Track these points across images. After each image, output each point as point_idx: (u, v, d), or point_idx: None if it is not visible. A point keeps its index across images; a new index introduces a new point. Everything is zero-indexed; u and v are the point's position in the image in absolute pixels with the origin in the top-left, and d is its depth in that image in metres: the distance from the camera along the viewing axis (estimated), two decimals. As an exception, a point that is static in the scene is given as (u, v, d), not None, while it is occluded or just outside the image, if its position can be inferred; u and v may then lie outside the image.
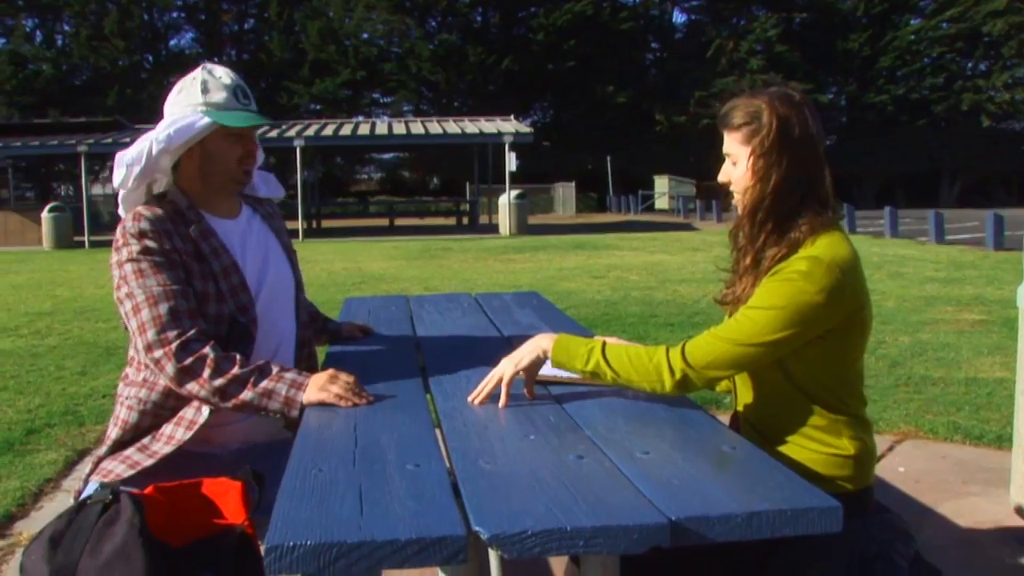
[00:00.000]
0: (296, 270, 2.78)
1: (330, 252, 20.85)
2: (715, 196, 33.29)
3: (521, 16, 51.74)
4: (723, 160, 2.33)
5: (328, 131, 31.05)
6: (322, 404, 2.25)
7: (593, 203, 46.95)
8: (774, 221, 2.20)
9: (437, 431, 2.05)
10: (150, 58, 52.24)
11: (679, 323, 9.20)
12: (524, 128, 30.53)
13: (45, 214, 26.48)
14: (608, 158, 46.34)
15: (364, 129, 32.64)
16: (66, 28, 51.25)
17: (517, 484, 1.66)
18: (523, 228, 27.66)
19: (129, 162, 2.47)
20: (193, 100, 2.51)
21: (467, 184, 38.95)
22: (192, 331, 2.35)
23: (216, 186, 2.58)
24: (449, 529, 1.44)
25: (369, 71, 50.18)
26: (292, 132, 29.53)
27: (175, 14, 53.75)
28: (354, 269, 16.57)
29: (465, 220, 33.38)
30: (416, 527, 1.45)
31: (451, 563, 1.43)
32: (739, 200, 2.29)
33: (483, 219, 32.96)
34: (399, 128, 32.47)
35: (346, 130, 31.73)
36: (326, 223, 32.92)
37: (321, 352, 2.97)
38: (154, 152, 2.46)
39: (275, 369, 2.34)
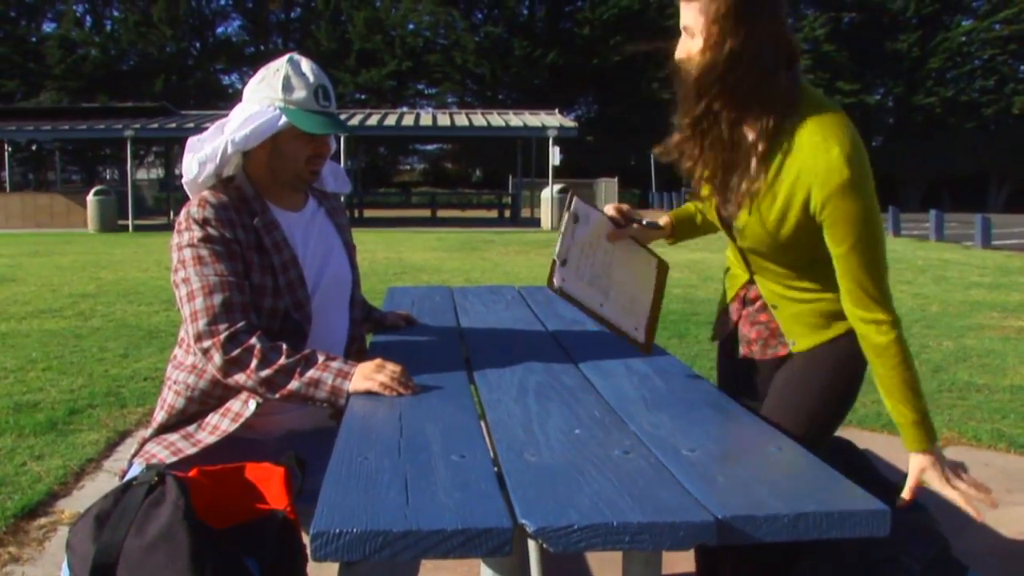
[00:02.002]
0: (355, 267, 2.78)
1: (372, 242, 20.88)
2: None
3: (567, 10, 51.63)
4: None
5: (373, 121, 31.12)
6: (368, 393, 2.25)
7: (635, 199, 46.74)
8: (730, 94, 2.09)
9: (481, 422, 2.05)
10: (197, 45, 52.61)
11: (720, 321, 9.13)
12: (568, 122, 30.48)
13: (91, 197, 26.71)
14: (652, 154, 46.09)
15: (408, 120, 32.69)
16: (115, 14, 51.77)
17: (562, 477, 1.65)
18: (565, 222, 27.49)
19: (203, 160, 2.49)
20: (273, 94, 2.48)
21: (509, 177, 38.92)
22: (242, 323, 2.35)
23: (282, 180, 2.57)
24: (495, 520, 1.44)
25: (414, 62, 50.25)
26: (337, 121, 29.55)
27: (222, 2, 54.26)
28: (395, 259, 16.60)
29: (507, 213, 33.32)
30: (462, 517, 1.45)
31: (496, 555, 1.42)
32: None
33: (525, 213, 32.92)
34: (443, 119, 32.49)
35: (390, 120, 31.80)
36: (368, 213, 32.99)
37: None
38: (229, 151, 2.46)
39: (321, 358, 2.33)
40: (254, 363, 2.31)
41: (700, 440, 1.89)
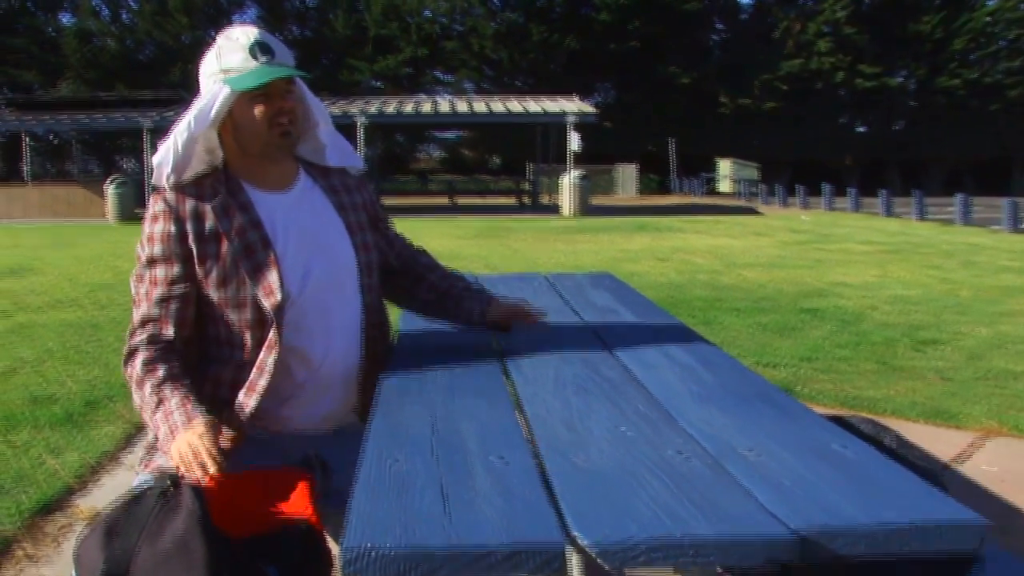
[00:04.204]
0: (365, 250, 2.48)
1: (391, 229, 20.72)
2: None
3: (585, -5, 51.33)
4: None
5: (390, 108, 31.04)
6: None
7: (655, 185, 46.52)
8: None
9: (519, 417, 1.91)
10: (213, 34, 51.22)
11: (746, 308, 8.97)
12: (587, 108, 30.28)
13: (109, 187, 26.71)
14: (671, 140, 45.87)
15: (426, 107, 32.59)
16: (131, 4, 51.67)
17: (615, 483, 1.51)
18: (585, 209, 27.45)
19: (158, 162, 2.32)
20: (211, 70, 2.31)
21: (528, 164, 38.75)
22: (139, 338, 2.25)
23: (256, 154, 2.35)
24: (545, 534, 1.29)
25: (431, 49, 50.05)
26: (354, 109, 29.57)
27: (239, -10, 54.06)
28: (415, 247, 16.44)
29: (526, 200, 33.19)
30: (508, 531, 1.30)
31: (543, 572, 1.28)
32: None
33: (544, 199, 32.76)
34: (462, 106, 32.39)
35: (408, 108, 31.71)
36: (387, 200, 32.82)
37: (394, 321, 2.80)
38: (179, 147, 2.29)
39: (172, 401, 2.15)
40: (133, 387, 2.23)
41: (757, 438, 1.73)
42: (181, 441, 2.02)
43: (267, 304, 2.27)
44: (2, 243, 18.68)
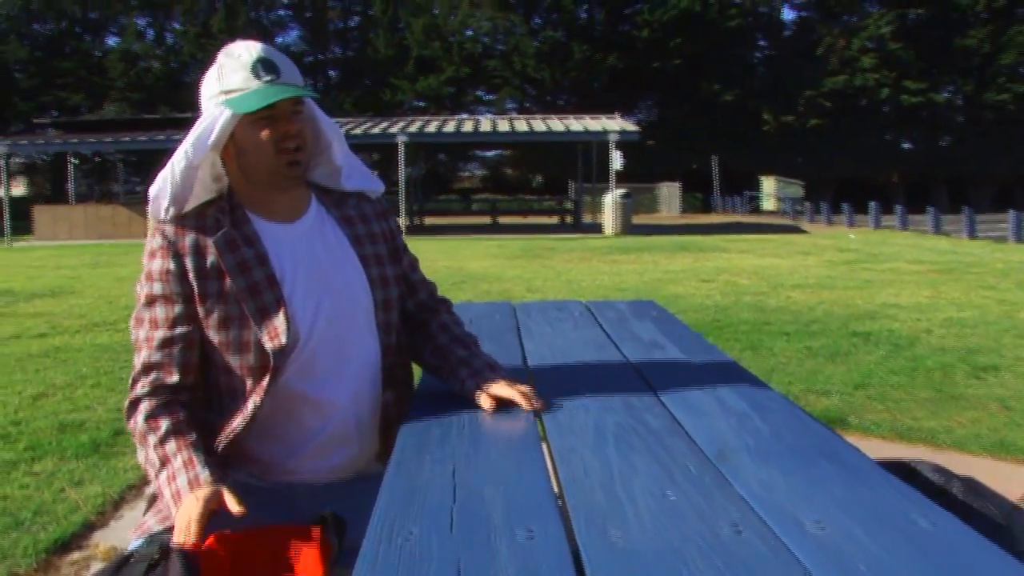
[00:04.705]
0: (383, 285, 2.25)
1: (432, 250, 20.64)
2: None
3: (627, 13, 51.13)
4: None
5: (432, 128, 30.99)
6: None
7: (698, 203, 46.19)
8: None
9: (551, 473, 1.70)
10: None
11: (795, 332, 8.69)
12: (630, 126, 30.07)
13: (152, 208, 26.79)
14: (714, 158, 45.52)
15: (468, 126, 32.50)
16: (176, 26, 52.17)
17: (659, 567, 1.28)
18: (627, 228, 27.22)
19: (155, 194, 2.13)
20: (211, 91, 2.11)
21: (570, 183, 38.56)
22: (142, 389, 2.05)
23: (261, 182, 2.15)
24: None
25: (473, 68, 50.09)
26: (395, 128, 29.53)
27: (281, 12, 54.52)
28: (455, 268, 16.31)
29: (568, 219, 33.00)
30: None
31: None
32: None
33: (587, 218, 32.56)
34: (503, 125, 32.28)
35: (450, 127, 31.63)
36: (429, 220, 32.86)
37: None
38: (178, 177, 2.10)
39: (177, 462, 1.94)
40: (136, 442, 2.05)
41: (825, 508, 1.50)
42: (182, 512, 1.83)
43: (270, 347, 2.07)
44: (45, 264, 18.73)
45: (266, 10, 52.76)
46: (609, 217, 27.59)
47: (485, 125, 32.82)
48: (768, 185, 45.05)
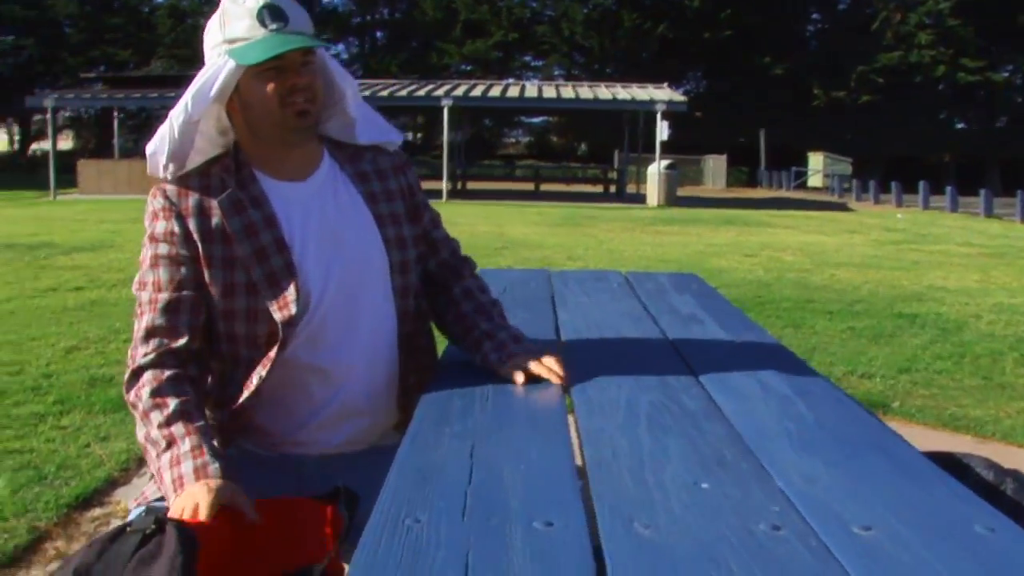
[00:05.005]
0: (400, 246, 2.11)
1: (474, 214, 20.54)
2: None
3: (678, -18, 50.51)
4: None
5: (477, 92, 30.78)
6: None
7: (744, 177, 45.66)
8: None
9: (577, 453, 1.58)
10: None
11: (838, 312, 8.51)
12: (678, 96, 29.74)
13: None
14: (762, 132, 44.96)
15: (514, 91, 32.27)
16: (224, -15, 52.13)
17: (688, 566, 1.17)
18: (671, 199, 26.97)
19: (152, 151, 1.99)
20: (214, 40, 1.95)
21: (615, 152, 38.26)
22: (147, 356, 1.90)
23: (268, 138, 2.00)
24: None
25: (521, 33, 49.68)
26: (440, 92, 29.36)
27: (330, -29, 54.32)
28: (496, 233, 16.19)
29: (612, 188, 32.76)
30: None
31: None
32: None
33: (630, 188, 32.27)
34: (549, 91, 32.03)
35: (495, 91, 31.41)
36: (472, 185, 32.74)
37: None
38: (176, 133, 1.96)
39: (184, 446, 1.79)
40: (137, 417, 1.89)
41: (874, 508, 1.37)
42: (186, 496, 1.69)
43: (279, 317, 1.95)
44: (88, 218, 18.81)
45: (315, -31, 52.60)
46: (653, 188, 27.35)
47: (531, 91, 32.56)
48: (815, 161, 44.42)
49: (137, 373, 1.90)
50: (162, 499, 1.79)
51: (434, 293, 2.27)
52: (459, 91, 30.04)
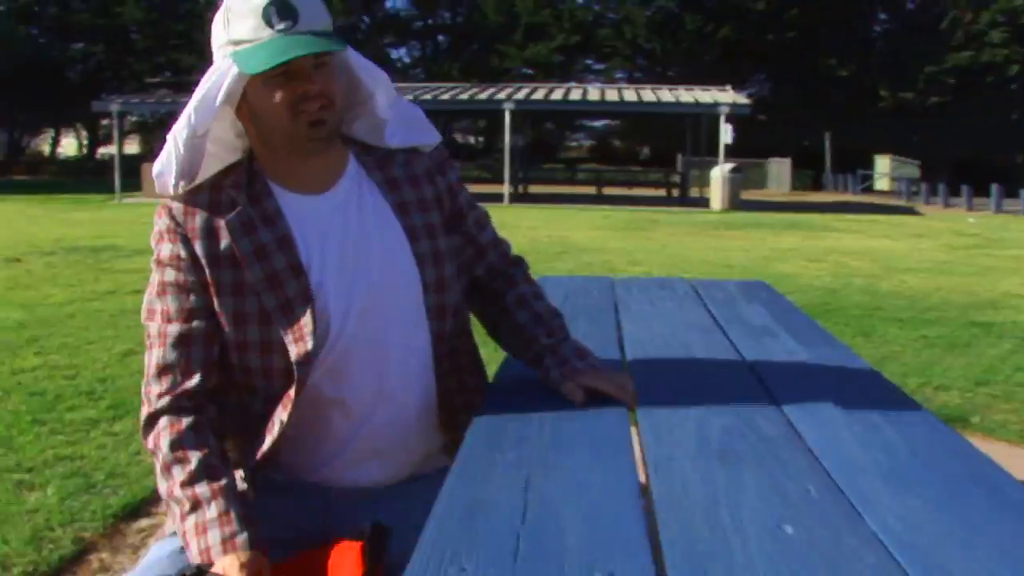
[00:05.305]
0: (435, 261, 1.90)
1: (535, 218, 20.41)
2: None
3: (742, -16, 50.03)
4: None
5: (539, 95, 30.67)
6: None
7: (808, 181, 45.02)
8: None
9: (644, 486, 1.43)
10: (366, 19, 52.95)
11: (909, 319, 8.23)
12: (741, 99, 29.37)
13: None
14: (827, 134, 44.33)
15: (575, 94, 32.12)
16: (289, -11, 52.63)
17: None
18: (735, 203, 26.63)
19: (159, 172, 1.82)
20: (219, 40, 1.76)
21: (678, 155, 37.93)
22: (161, 401, 1.75)
23: (281, 148, 1.79)
24: None
25: (583, 36, 49.48)
26: (502, 95, 29.28)
27: (392, -25, 54.57)
28: (558, 237, 16.03)
29: (675, 192, 32.46)
30: None
31: None
32: None
33: (693, 192, 31.97)
34: (611, 95, 31.85)
35: (557, 95, 31.28)
36: (533, 189, 32.66)
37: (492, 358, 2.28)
38: (182, 150, 1.78)
39: (214, 510, 1.65)
40: (158, 467, 1.74)
41: (987, 562, 1.19)
42: (215, 571, 1.57)
43: (294, 352, 1.77)
44: (151, 220, 18.89)
45: (377, -27, 52.86)
46: (717, 192, 27.03)
47: (593, 94, 32.39)
48: (882, 164, 43.70)
49: (153, 418, 1.77)
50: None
51: (485, 302, 2.09)
52: (521, 94, 29.94)
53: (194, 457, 1.70)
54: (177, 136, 1.77)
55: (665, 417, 1.79)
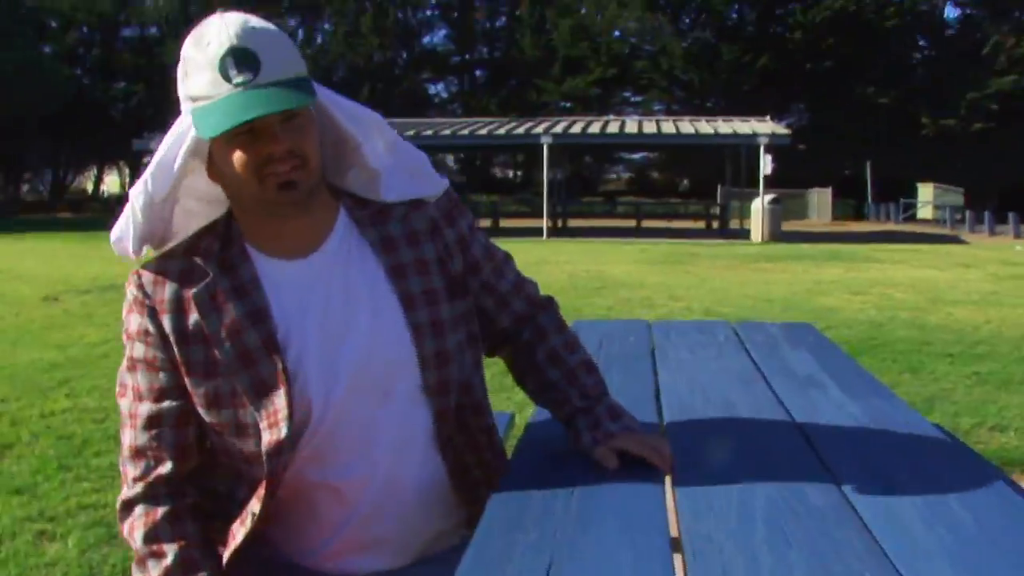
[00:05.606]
0: (435, 333, 1.70)
1: (574, 253, 20.29)
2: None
3: (778, 14, 49.91)
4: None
5: (576, 128, 30.69)
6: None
7: (850, 210, 44.63)
8: None
9: (679, 567, 1.28)
10: (403, 55, 53.40)
11: (959, 354, 7.99)
12: (780, 129, 29.22)
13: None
14: (868, 163, 43.95)
15: (613, 127, 32.09)
16: (325, 27, 53.14)
17: None
18: (776, 234, 26.41)
19: (116, 238, 1.69)
20: (181, 94, 1.57)
21: (718, 187, 37.76)
22: (135, 489, 1.64)
23: (250, 210, 1.63)
24: None
25: (620, 69, 49.61)
26: (539, 129, 29.29)
27: (429, 12, 54.99)
28: (596, 272, 15.88)
29: (715, 224, 32.33)
30: None
31: None
32: None
33: (734, 224, 31.81)
34: (649, 127, 31.81)
35: (595, 128, 31.28)
36: (572, 222, 32.60)
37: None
38: (140, 216, 1.64)
39: None
40: (135, 555, 1.63)
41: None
42: None
43: (266, 439, 1.61)
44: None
45: (414, 10, 53.23)
46: (757, 223, 26.84)
47: (631, 127, 32.36)
48: (925, 192, 43.22)
49: (128, 505, 1.65)
50: None
51: (514, 355, 1.91)
52: (558, 128, 29.96)
53: (170, 551, 1.60)
54: (134, 202, 1.63)
55: (703, 486, 1.63)
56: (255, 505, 1.65)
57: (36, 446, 5.25)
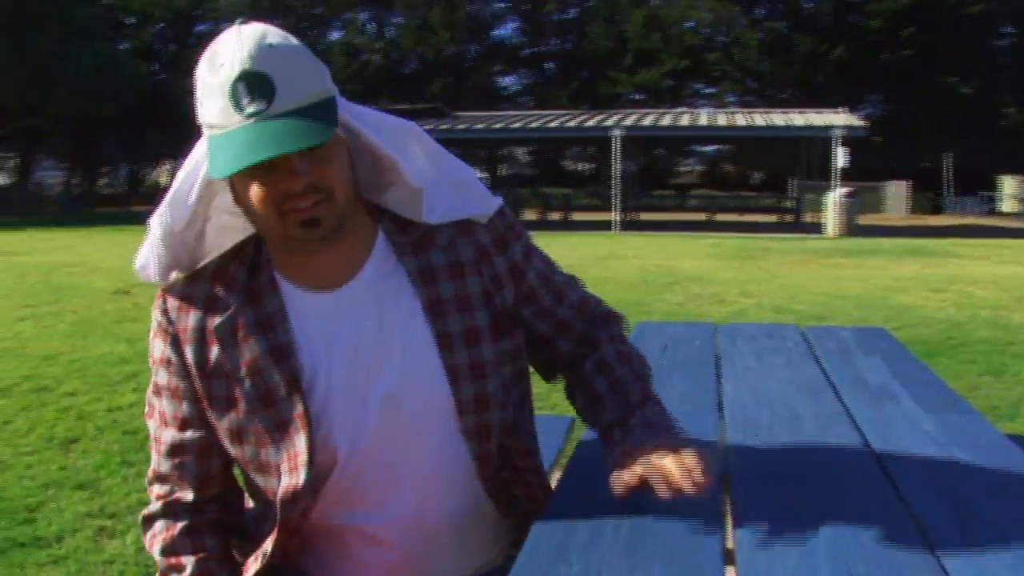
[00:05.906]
0: (475, 374, 1.56)
1: (645, 247, 20.10)
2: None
3: (855, 2, 49.02)
4: None
5: (648, 121, 30.46)
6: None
7: (927, 204, 43.76)
8: None
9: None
10: (474, 48, 53.39)
11: (1045, 355, 7.70)
12: (856, 121, 28.67)
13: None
14: (946, 155, 43.05)
15: (685, 120, 31.82)
16: (396, 20, 53.36)
17: None
18: (850, 229, 25.92)
19: (140, 266, 1.60)
20: (199, 117, 1.44)
21: (791, 180, 37.23)
22: (155, 506, 1.60)
23: (275, 244, 1.52)
24: None
25: (693, 60, 49.10)
26: (611, 122, 29.13)
27: (499, 4, 54.92)
28: (667, 267, 15.67)
29: (788, 218, 31.88)
30: None
31: None
32: None
33: (807, 217, 31.30)
34: (721, 119, 31.52)
35: (666, 120, 31.03)
36: (643, 216, 32.39)
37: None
38: (161, 247, 1.54)
39: None
40: (157, 570, 1.59)
41: None
42: None
43: (284, 483, 1.51)
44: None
45: (485, 3, 53.25)
46: (831, 217, 26.36)
47: (703, 119, 32.05)
48: (1007, 185, 42.21)
49: (149, 520, 1.61)
50: None
51: (570, 377, 1.75)
52: (630, 121, 29.75)
53: (188, 563, 1.55)
54: (153, 231, 1.54)
55: (763, 515, 1.50)
56: (268, 545, 1.57)
57: (101, 440, 5.26)
